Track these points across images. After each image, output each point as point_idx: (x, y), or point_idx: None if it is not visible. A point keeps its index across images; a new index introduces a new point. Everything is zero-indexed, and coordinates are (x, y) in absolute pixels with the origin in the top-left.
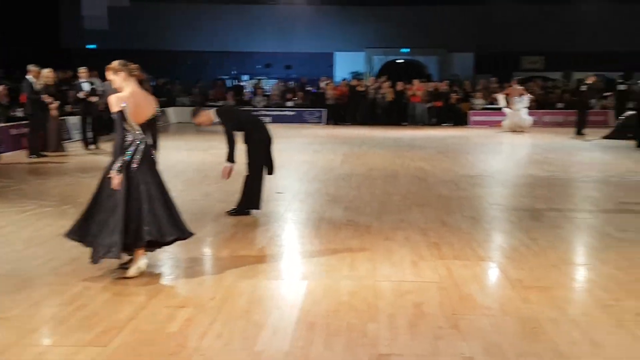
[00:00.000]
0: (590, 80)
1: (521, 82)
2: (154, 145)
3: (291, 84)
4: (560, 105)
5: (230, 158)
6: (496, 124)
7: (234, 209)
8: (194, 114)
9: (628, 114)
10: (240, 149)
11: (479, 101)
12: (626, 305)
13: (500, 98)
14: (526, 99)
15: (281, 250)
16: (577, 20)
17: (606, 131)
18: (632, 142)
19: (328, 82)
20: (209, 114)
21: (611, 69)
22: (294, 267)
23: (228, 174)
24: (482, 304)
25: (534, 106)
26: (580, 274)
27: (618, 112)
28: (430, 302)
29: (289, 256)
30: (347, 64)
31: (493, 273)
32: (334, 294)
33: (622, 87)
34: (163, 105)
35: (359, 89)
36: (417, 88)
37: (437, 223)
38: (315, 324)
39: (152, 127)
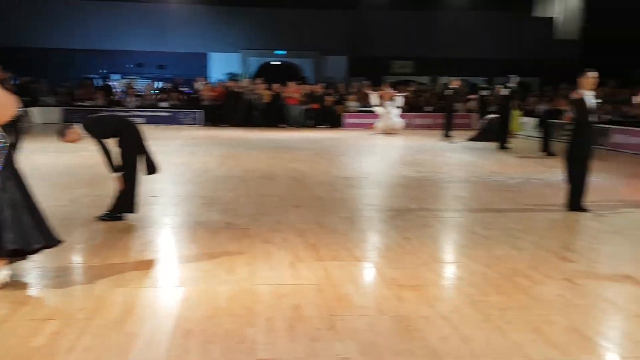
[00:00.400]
0: (454, 85)
1: (393, 85)
2: (15, 147)
3: (165, 84)
4: (428, 108)
5: (112, 168)
6: (369, 126)
7: (106, 213)
8: (61, 134)
9: (490, 117)
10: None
11: (353, 104)
12: (493, 301)
13: (373, 97)
14: (400, 100)
15: (156, 257)
16: (444, 28)
17: (471, 133)
18: (494, 144)
19: (204, 82)
20: (76, 131)
21: (475, 74)
22: (169, 273)
23: (122, 182)
24: (358, 304)
25: (406, 109)
26: (451, 272)
27: (481, 115)
28: (308, 304)
29: (165, 262)
30: (222, 65)
31: (369, 273)
32: (211, 299)
33: (484, 92)
34: (27, 104)
35: (235, 90)
36: (293, 90)
37: (315, 224)
38: (191, 331)
39: (15, 129)
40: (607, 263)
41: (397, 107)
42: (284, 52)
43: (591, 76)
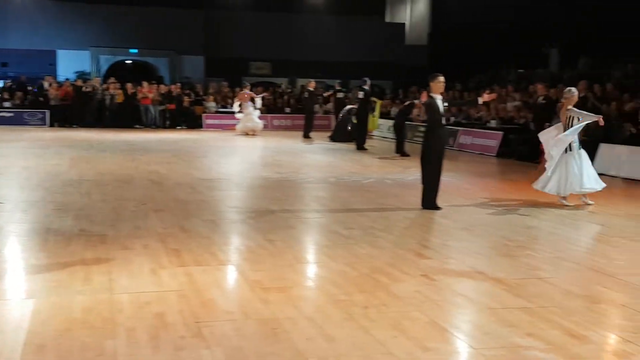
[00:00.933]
0: (310, 86)
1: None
2: None
3: (8, 82)
4: (287, 109)
5: None
6: (230, 127)
7: None
8: None
9: (342, 113)
10: None
11: (211, 104)
12: (355, 299)
13: (235, 105)
14: (258, 101)
15: (2, 267)
16: (302, 31)
17: (329, 134)
18: (352, 145)
19: (51, 81)
20: None
21: (332, 76)
22: (17, 285)
23: None
24: (224, 308)
25: (264, 110)
26: (314, 272)
27: (337, 116)
28: (172, 311)
29: (12, 273)
30: (71, 63)
31: (233, 276)
32: (65, 311)
33: (340, 94)
34: None
35: (85, 89)
36: (148, 90)
37: (176, 228)
38: (44, 346)
39: None
40: (459, 258)
41: (256, 108)
42: (137, 50)
43: (441, 80)
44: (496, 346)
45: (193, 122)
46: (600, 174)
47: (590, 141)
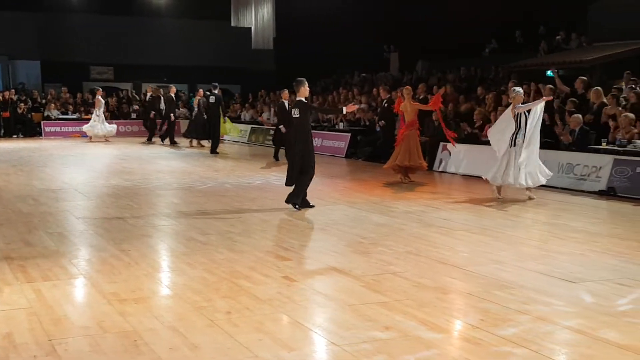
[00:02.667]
0: (149, 91)
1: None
2: None
3: None
4: (134, 115)
5: None
6: (73, 135)
7: None
8: None
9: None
10: None
11: (54, 112)
12: (217, 305)
13: (96, 111)
14: (101, 106)
15: None
16: (147, 34)
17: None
18: (207, 150)
19: None
20: None
21: (180, 81)
22: None
23: None
24: (79, 324)
25: (108, 116)
26: (173, 280)
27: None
28: (21, 330)
29: None
30: None
31: (87, 290)
32: None
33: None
34: None
35: None
36: None
37: (20, 243)
38: None
39: None
40: (317, 258)
41: (97, 115)
42: None
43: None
44: (357, 341)
45: (31, 130)
46: (441, 171)
47: (431, 141)
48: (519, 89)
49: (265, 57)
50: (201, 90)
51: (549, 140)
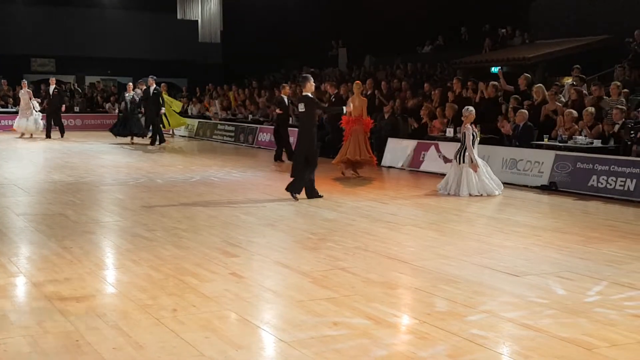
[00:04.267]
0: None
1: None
2: None
3: None
4: (76, 109)
5: None
6: (8, 128)
7: None
8: None
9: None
10: None
11: None
12: (163, 303)
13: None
14: (36, 102)
15: None
16: (90, 25)
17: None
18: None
19: None
20: None
21: (123, 73)
22: None
23: None
24: (18, 324)
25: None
26: (117, 278)
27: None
28: None
29: None
30: None
31: (26, 288)
32: None
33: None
34: None
35: None
36: None
37: None
38: None
39: None
40: (265, 254)
41: (35, 109)
42: None
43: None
44: (306, 337)
45: None
46: (389, 167)
47: (379, 136)
48: (471, 109)
49: (213, 50)
50: (130, 84)
51: (494, 136)
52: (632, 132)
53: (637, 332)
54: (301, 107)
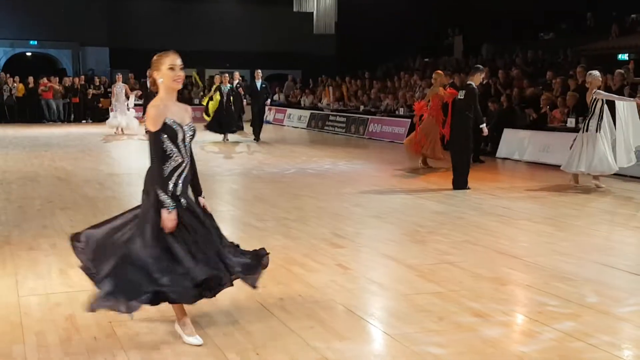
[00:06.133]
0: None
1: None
2: None
3: None
4: (196, 101)
5: None
6: (140, 120)
7: None
8: None
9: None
10: None
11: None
12: (271, 291)
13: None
14: (133, 98)
15: None
16: (209, 20)
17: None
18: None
19: None
20: None
21: (239, 66)
22: None
23: None
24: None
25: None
26: None
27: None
28: (83, 312)
29: None
30: None
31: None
32: None
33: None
34: None
35: None
36: (51, 83)
37: (85, 225)
38: None
39: None
40: (372, 246)
41: (128, 106)
42: (36, 42)
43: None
44: (410, 331)
45: (99, 116)
46: (504, 158)
47: (495, 127)
48: (596, 73)
49: (327, 41)
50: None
51: None
52: None
53: None
54: (461, 95)
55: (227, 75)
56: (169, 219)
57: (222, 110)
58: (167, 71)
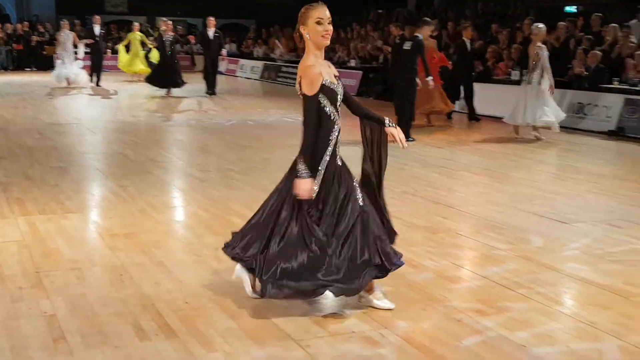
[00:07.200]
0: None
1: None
2: None
3: None
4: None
5: None
6: (86, 68)
7: None
8: None
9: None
10: None
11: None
12: (206, 242)
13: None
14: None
15: None
16: None
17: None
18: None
19: None
20: None
21: (191, 14)
22: None
23: None
24: (68, 257)
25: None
26: (167, 217)
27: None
28: (10, 262)
29: None
30: None
31: (80, 225)
32: None
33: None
34: None
35: None
36: None
37: (21, 176)
38: None
39: None
40: None
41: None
42: None
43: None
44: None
45: (43, 64)
46: (453, 111)
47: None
48: (542, 26)
49: None
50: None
51: (562, 79)
52: None
53: None
54: (407, 46)
55: (170, 22)
56: (306, 188)
57: (166, 61)
58: (315, 25)
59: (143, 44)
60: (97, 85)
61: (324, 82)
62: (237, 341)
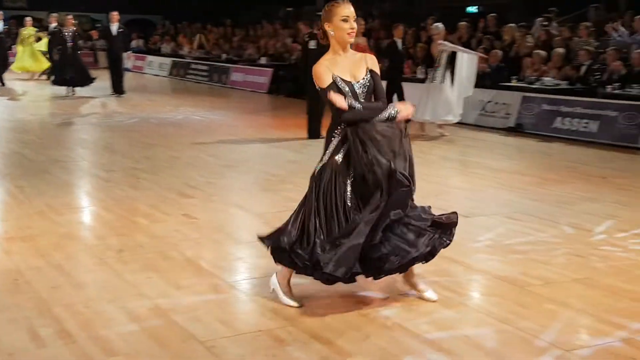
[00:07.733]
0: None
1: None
2: None
3: None
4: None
5: None
6: None
7: None
8: None
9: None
10: None
11: None
12: (109, 243)
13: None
14: None
15: None
16: None
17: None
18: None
19: None
20: None
21: (93, 9)
22: None
23: None
24: None
25: None
26: (67, 219)
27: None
28: None
29: None
30: None
31: None
32: None
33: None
34: None
35: None
36: None
37: None
38: None
39: None
40: (222, 195)
41: None
42: None
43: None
44: (249, 277)
45: None
46: None
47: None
48: (440, 25)
49: None
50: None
51: None
52: (596, 73)
53: (570, 270)
54: (313, 45)
55: (71, 17)
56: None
57: (67, 59)
58: (341, 23)
59: (39, 39)
60: (2, 84)
61: (334, 79)
62: (140, 344)
